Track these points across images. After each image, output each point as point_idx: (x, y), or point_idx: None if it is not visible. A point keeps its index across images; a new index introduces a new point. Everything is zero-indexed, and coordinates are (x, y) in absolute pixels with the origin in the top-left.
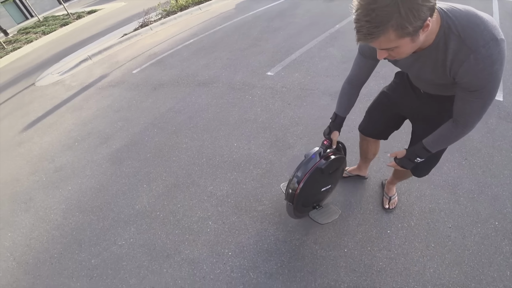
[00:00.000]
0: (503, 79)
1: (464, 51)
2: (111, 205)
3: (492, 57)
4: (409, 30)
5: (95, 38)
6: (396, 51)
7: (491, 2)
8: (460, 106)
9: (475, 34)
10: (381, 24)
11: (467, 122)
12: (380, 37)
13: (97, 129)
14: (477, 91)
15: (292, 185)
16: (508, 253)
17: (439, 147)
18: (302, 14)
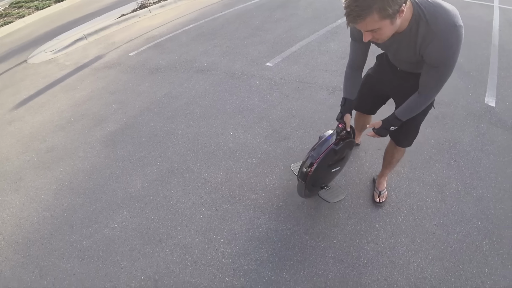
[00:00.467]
0: (497, 86)
1: (430, 35)
2: (104, 187)
3: (451, 40)
4: (389, 12)
5: (92, 17)
6: (378, 33)
7: (492, 9)
8: (424, 79)
9: (439, 21)
10: (368, 7)
11: (428, 93)
12: (366, 18)
13: (91, 110)
14: (439, 67)
15: (307, 164)
16: (487, 252)
17: (408, 115)
18: (305, 7)
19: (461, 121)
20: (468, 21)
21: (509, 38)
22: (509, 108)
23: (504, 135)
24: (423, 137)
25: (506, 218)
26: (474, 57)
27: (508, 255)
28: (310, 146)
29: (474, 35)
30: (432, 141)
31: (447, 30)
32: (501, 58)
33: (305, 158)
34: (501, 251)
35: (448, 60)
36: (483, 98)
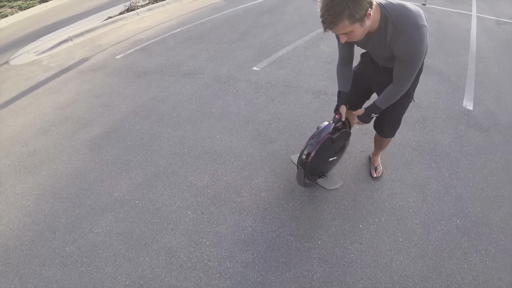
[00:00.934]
0: (475, 91)
1: (397, 33)
2: (88, 192)
3: (415, 37)
4: (357, 17)
5: (77, 18)
6: (352, 35)
7: (470, 18)
8: (396, 72)
9: (403, 21)
10: (338, 15)
11: (400, 84)
12: (339, 24)
13: (76, 113)
14: (407, 60)
15: (306, 151)
16: (466, 249)
17: (386, 104)
18: (292, 12)
19: (440, 124)
20: (448, 29)
21: (485, 45)
22: (485, 112)
23: (481, 137)
24: (405, 139)
25: (483, 216)
26: (453, 63)
27: (486, 251)
28: (295, 149)
29: (454, 42)
30: (414, 143)
31: (411, 29)
32: (478, 64)
33: (303, 146)
34: (479, 247)
35: (414, 55)
36: (461, 102)
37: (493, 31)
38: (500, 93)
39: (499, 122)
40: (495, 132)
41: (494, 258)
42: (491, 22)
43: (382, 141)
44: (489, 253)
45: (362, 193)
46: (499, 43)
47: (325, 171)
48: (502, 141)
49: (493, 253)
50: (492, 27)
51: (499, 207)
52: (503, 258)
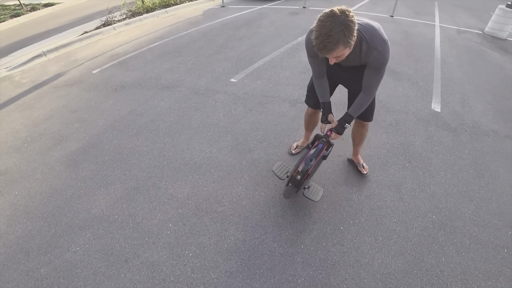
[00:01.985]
0: (442, 94)
1: (370, 50)
2: (64, 210)
3: (384, 51)
4: (350, 44)
5: (51, 33)
6: (341, 56)
7: (434, 28)
8: (367, 81)
9: (374, 39)
10: (336, 43)
11: (371, 91)
12: (335, 50)
13: (50, 130)
14: (380, 69)
15: (302, 172)
16: (443, 242)
17: (358, 112)
18: (267, 25)
19: (412, 126)
20: (414, 38)
21: (449, 52)
22: (452, 113)
23: (449, 137)
24: (379, 142)
25: (457, 210)
26: (421, 69)
27: (461, 243)
28: (274, 157)
29: (420, 50)
30: (388, 146)
31: (381, 45)
32: (443, 69)
33: (296, 165)
34: (455, 240)
35: (384, 64)
36: (430, 105)
37: (455, 39)
38: (464, 95)
39: (465, 122)
40: (462, 132)
41: (469, 249)
42: (453, 31)
43: (363, 132)
44: (464, 245)
45: (341, 196)
46: (461, 50)
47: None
48: (469, 139)
49: (468, 244)
50: (454, 35)
51: (470, 201)
52: (478, 249)
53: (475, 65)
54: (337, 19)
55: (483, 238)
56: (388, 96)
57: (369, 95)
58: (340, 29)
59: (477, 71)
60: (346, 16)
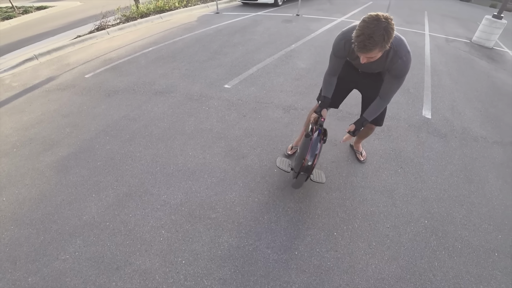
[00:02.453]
0: (432, 101)
1: (396, 58)
2: (54, 216)
3: (408, 61)
4: (386, 48)
5: (44, 36)
6: (374, 58)
7: (424, 37)
8: (386, 87)
9: (401, 49)
10: (375, 45)
11: (388, 97)
12: (372, 51)
13: (41, 134)
14: (400, 77)
15: (312, 158)
16: (435, 247)
17: (373, 116)
18: (262, 32)
19: (404, 132)
20: None
21: (438, 60)
22: (442, 119)
23: (440, 143)
24: (372, 148)
25: (448, 215)
26: (412, 77)
27: (453, 247)
28: (268, 163)
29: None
30: (380, 151)
31: (405, 56)
32: (433, 77)
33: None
34: (447, 245)
35: (405, 74)
36: (421, 112)
37: (444, 48)
38: (453, 102)
39: (454, 128)
40: (452, 138)
41: (461, 254)
42: (442, 40)
43: (369, 132)
44: (456, 249)
45: (335, 202)
46: (450, 58)
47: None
48: (459, 145)
49: (460, 248)
50: (443, 44)
51: (461, 206)
52: (469, 253)
53: (464, 73)
54: (380, 24)
55: (474, 242)
56: None
57: (386, 101)
58: (381, 33)
59: (465, 79)
60: (388, 23)
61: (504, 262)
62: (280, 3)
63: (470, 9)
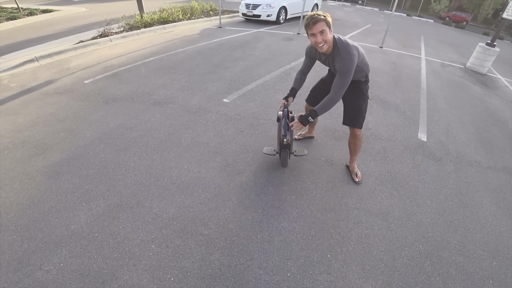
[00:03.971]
0: (427, 124)
1: (338, 56)
2: (41, 224)
3: (347, 60)
4: (329, 24)
5: (46, 39)
6: (324, 34)
7: (420, 60)
8: (334, 82)
9: (343, 49)
10: (320, 19)
11: (335, 92)
12: (318, 23)
13: (34, 138)
14: (342, 73)
15: (285, 137)
16: (430, 273)
17: (323, 110)
18: (262, 48)
19: (399, 155)
20: (402, 69)
21: (434, 84)
22: (437, 143)
23: (435, 166)
24: (368, 169)
25: (443, 240)
26: (408, 99)
27: (447, 274)
28: (263, 180)
29: (407, 81)
30: (376, 173)
31: (347, 55)
32: (429, 100)
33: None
34: (441, 270)
35: (347, 70)
36: (416, 134)
37: (439, 72)
38: (448, 126)
39: (449, 152)
40: (447, 161)
41: (455, 280)
42: (437, 64)
43: (356, 142)
44: (451, 275)
45: (329, 223)
46: (445, 82)
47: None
48: (453, 169)
49: (454, 275)
50: (438, 68)
51: (455, 231)
52: (464, 280)
53: (458, 97)
54: (319, 13)
55: (468, 269)
56: (377, 124)
57: (334, 96)
58: (323, 15)
59: (460, 103)
60: (325, 16)
61: None
62: (282, 21)
63: (464, 36)
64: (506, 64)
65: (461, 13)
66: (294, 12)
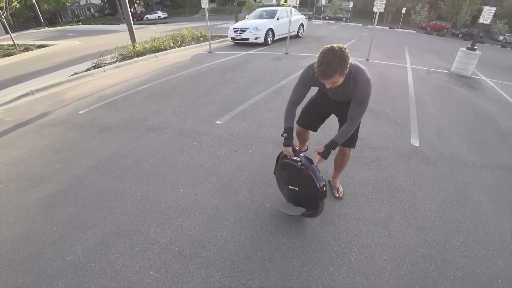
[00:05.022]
0: (419, 129)
1: (355, 84)
2: (36, 257)
3: (366, 87)
4: (344, 73)
5: (42, 73)
6: (336, 83)
7: (406, 69)
8: (351, 112)
9: (359, 76)
10: (334, 71)
11: (354, 120)
12: (333, 77)
13: (29, 170)
14: (362, 102)
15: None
16: (436, 277)
17: (343, 139)
18: (252, 70)
19: (394, 161)
20: (389, 79)
21: (421, 91)
22: (430, 147)
23: (430, 170)
24: (363, 179)
25: (445, 243)
26: (398, 107)
27: (454, 277)
28: (260, 198)
29: (396, 90)
30: (372, 182)
31: (364, 82)
32: (418, 107)
33: (313, 183)
34: (447, 274)
35: (366, 98)
36: (408, 140)
37: (425, 79)
38: (439, 129)
39: (443, 154)
40: (441, 164)
41: (463, 283)
42: (423, 72)
43: (344, 159)
44: (458, 278)
45: (329, 235)
46: (432, 88)
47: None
48: (448, 171)
49: (461, 277)
50: (424, 75)
51: (457, 232)
52: (471, 281)
53: (446, 101)
54: (336, 53)
55: (475, 270)
56: (369, 134)
57: (353, 124)
58: (338, 60)
59: (448, 107)
60: (342, 52)
61: None
62: (270, 42)
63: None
64: (489, 66)
65: (440, 22)
66: (281, 33)
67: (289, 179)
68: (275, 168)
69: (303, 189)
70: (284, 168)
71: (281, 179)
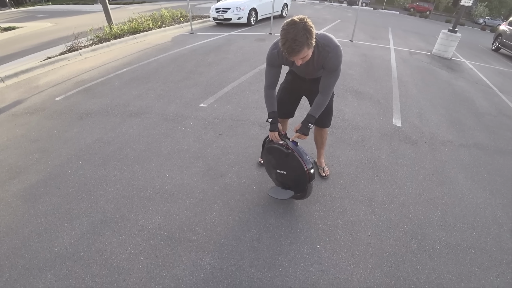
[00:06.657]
0: (401, 110)
1: (325, 53)
2: (21, 250)
3: (337, 54)
4: (312, 44)
5: (11, 58)
6: (306, 57)
7: (389, 51)
8: (324, 82)
9: (329, 44)
10: (301, 45)
11: (327, 91)
12: (301, 51)
13: (6, 162)
14: (334, 71)
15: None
16: (416, 250)
17: (318, 111)
18: (235, 51)
19: (377, 141)
20: (373, 60)
21: (404, 72)
22: (412, 127)
23: (411, 149)
24: (348, 159)
25: (425, 218)
26: (380, 88)
27: (432, 249)
28: (247, 180)
29: (379, 71)
30: (356, 162)
31: (335, 49)
32: (400, 87)
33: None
34: (427, 247)
35: (338, 66)
36: (391, 121)
37: (408, 60)
38: (421, 110)
39: (424, 134)
40: (422, 143)
41: (440, 254)
42: (406, 53)
43: (323, 134)
44: (436, 250)
45: (315, 214)
46: (414, 69)
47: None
48: (429, 150)
49: (439, 249)
50: (407, 57)
51: (436, 208)
52: (448, 253)
53: (428, 82)
54: (298, 25)
55: (451, 242)
56: (353, 115)
57: (326, 95)
58: (302, 33)
59: (429, 88)
60: (304, 22)
61: (481, 258)
62: (253, 22)
63: (429, 25)
64: (469, 48)
65: (423, 3)
66: (264, 13)
67: (277, 163)
68: (262, 153)
69: (290, 173)
70: (271, 153)
71: (269, 164)
